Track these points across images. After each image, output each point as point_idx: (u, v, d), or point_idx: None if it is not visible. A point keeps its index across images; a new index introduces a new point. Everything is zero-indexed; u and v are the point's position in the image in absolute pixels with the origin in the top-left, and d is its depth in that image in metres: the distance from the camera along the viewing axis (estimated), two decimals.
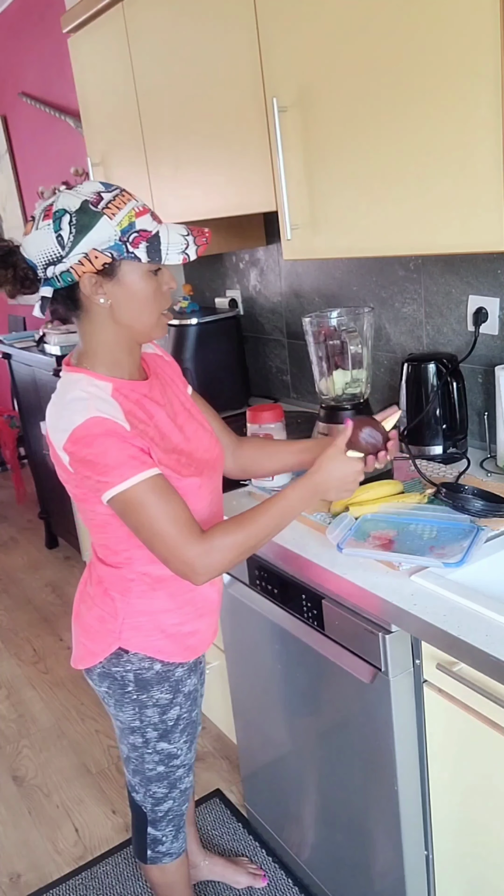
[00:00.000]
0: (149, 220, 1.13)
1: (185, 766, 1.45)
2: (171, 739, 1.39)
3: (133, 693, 1.33)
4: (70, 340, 3.16)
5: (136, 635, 1.29)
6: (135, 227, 1.11)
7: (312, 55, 1.42)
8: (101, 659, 1.32)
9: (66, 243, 1.09)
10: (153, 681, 1.33)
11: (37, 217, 1.12)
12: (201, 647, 1.38)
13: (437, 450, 1.73)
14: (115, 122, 2.21)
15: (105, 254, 1.10)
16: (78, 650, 1.37)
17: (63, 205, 1.10)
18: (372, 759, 1.36)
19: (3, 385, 5.07)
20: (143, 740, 1.38)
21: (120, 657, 1.31)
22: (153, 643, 1.30)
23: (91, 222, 1.09)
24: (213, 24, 1.67)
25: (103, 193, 1.11)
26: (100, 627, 1.31)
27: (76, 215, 1.09)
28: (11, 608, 3.50)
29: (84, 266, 1.11)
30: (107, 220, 1.09)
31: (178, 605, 1.31)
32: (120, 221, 1.10)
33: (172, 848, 1.51)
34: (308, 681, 1.51)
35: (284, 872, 1.87)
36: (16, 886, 1.99)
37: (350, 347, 1.64)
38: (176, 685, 1.35)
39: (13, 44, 4.03)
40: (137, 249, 1.11)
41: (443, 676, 1.16)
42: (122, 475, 1.10)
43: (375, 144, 1.35)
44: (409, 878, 1.38)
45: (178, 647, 1.33)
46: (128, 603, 1.28)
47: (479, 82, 1.14)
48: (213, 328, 2.38)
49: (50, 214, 1.10)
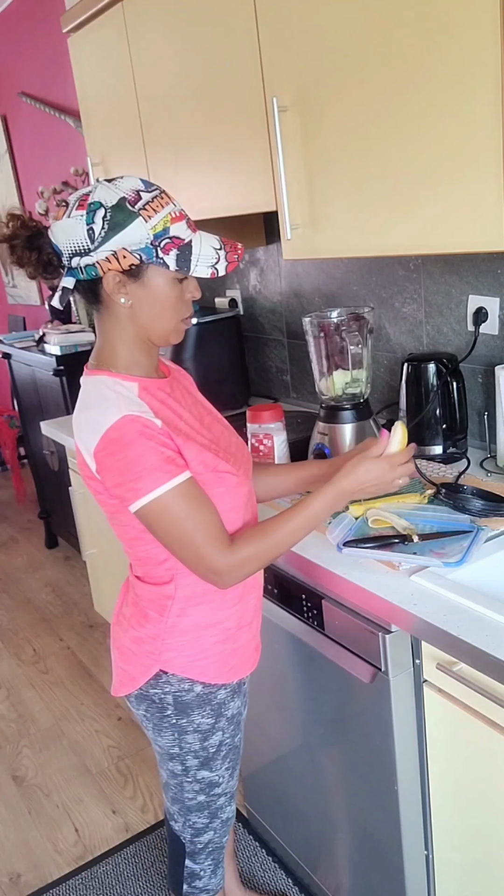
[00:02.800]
0: (183, 228, 1.10)
1: (227, 794, 1.38)
2: (212, 767, 1.32)
3: (172, 717, 1.27)
4: (70, 340, 3.15)
5: (177, 656, 1.24)
6: (168, 232, 1.08)
7: (312, 55, 1.42)
8: (141, 684, 1.26)
9: (96, 237, 1.06)
10: (194, 704, 1.26)
11: (71, 204, 1.09)
12: (244, 666, 1.32)
13: (437, 450, 1.73)
14: (115, 122, 2.21)
15: (134, 255, 1.08)
16: (117, 676, 1.31)
17: (100, 197, 1.07)
18: (372, 759, 1.36)
19: (3, 385, 5.07)
20: (183, 768, 1.31)
21: (159, 678, 1.25)
22: (195, 664, 1.25)
23: (125, 221, 1.06)
24: (213, 23, 1.67)
25: (143, 193, 1.08)
26: (138, 650, 1.26)
27: (111, 211, 1.06)
28: (11, 608, 3.50)
29: (111, 263, 1.08)
30: (141, 222, 1.06)
31: (220, 619, 1.25)
32: (154, 225, 1.07)
33: (210, 884, 1.43)
34: (308, 681, 1.51)
35: (284, 872, 1.87)
36: (16, 886, 1.99)
37: (350, 347, 1.64)
38: (218, 709, 1.29)
39: (13, 44, 4.03)
40: (167, 256, 1.09)
41: (443, 676, 1.16)
42: (156, 481, 1.07)
43: (375, 144, 1.35)
44: (409, 878, 1.38)
45: (221, 668, 1.27)
46: (167, 622, 1.23)
47: (479, 81, 1.13)
48: (213, 328, 2.38)
49: (85, 205, 1.07)
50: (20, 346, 3.60)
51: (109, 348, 1.17)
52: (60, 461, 3.34)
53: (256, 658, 1.36)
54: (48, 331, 3.29)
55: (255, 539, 1.14)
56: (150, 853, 2.01)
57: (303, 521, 1.17)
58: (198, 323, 2.34)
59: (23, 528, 4.44)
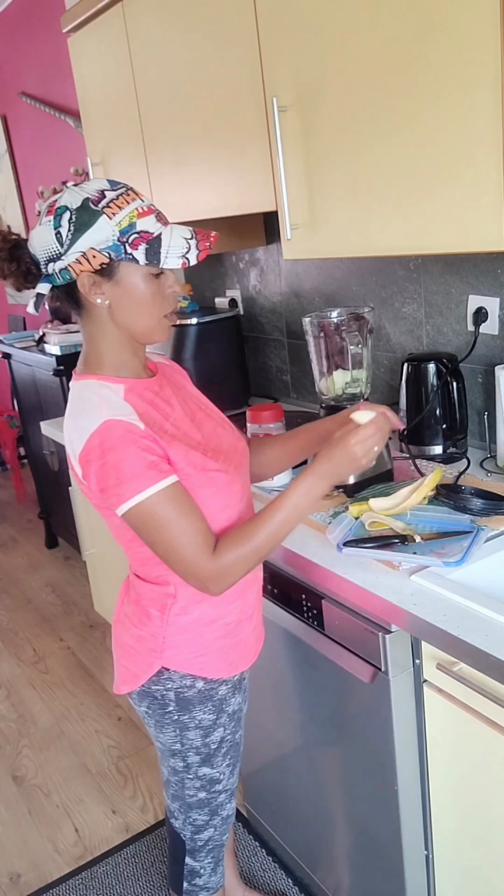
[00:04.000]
0: (152, 222, 1.11)
1: (227, 791, 1.38)
2: (213, 764, 1.33)
3: (174, 713, 1.28)
4: (70, 340, 3.15)
5: (178, 653, 1.25)
6: (135, 227, 1.09)
7: (312, 55, 1.42)
8: (143, 681, 1.27)
9: (64, 241, 1.08)
10: (195, 700, 1.27)
11: (42, 212, 1.12)
12: (244, 660, 1.33)
13: (437, 450, 1.73)
14: (115, 121, 2.21)
15: (103, 253, 1.08)
16: (119, 674, 1.32)
17: (65, 201, 1.09)
18: (372, 759, 1.36)
19: (3, 385, 5.07)
20: (185, 765, 1.32)
21: (160, 675, 1.26)
22: (197, 660, 1.25)
23: (90, 221, 1.07)
24: (213, 23, 1.67)
25: (107, 192, 1.10)
26: (140, 648, 1.26)
27: (76, 213, 1.08)
28: (11, 608, 3.50)
29: (82, 265, 1.09)
30: (105, 220, 1.07)
31: (221, 615, 1.26)
32: (119, 221, 1.08)
33: (210, 882, 1.44)
34: (308, 681, 1.51)
35: (284, 872, 1.87)
36: (16, 886, 1.99)
37: (350, 347, 1.64)
38: (219, 705, 1.30)
39: (13, 44, 4.03)
40: (136, 251, 1.09)
41: (443, 676, 1.16)
42: (138, 486, 1.07)
43: (375, 144, 1.35)
44: (409, 878, 1.38)
45: (222, 663, 1.28)
46: (168, 620, 1.23)
47: (479, 80, 1.13)
48: (213, 328, 2.38)
49: (53, 210, 1.09)
50: (20, 346, 3.60)
51: (95, 351, 1.18)
52: (60, 461, 3.34)
53: (258, 649, 1.37)
54: (48, 331, 3.29)
55: (237, 543, 1.13)
56: (150, 853, 2.01)
57: (284, 517, 1.15)
58: (198, 323, 2.34)
59: (23, 528, 4.44)
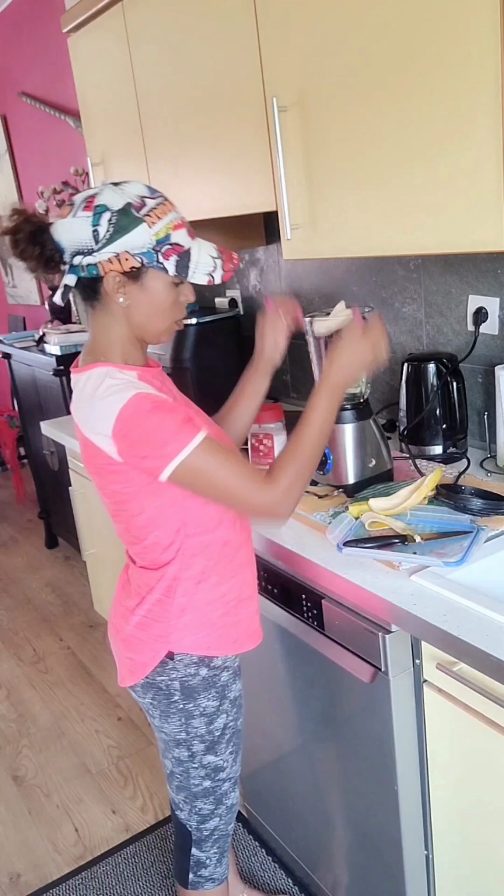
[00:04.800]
0: (184, 235, 1.15)
1: (231, 779, 1.40)
2: (217, 751, 1.35)
3: (180, 702, 1.30)
4: (70, 340, 3.15)
5: (185, 635, 1.27)
6: (170, 239, 1.13)
7: (312, 55, 1.42)
8: (150, 669, 1.29)
9: (100, 239, 1.11)
10: (199, 687, 1.30)
11: (76, 204, 1.13)
12: (248, 640, 1.36)
13: (437, 450, 1.73)
14: (115, 122, 2.21)
15: (136, 258, 1.12)
16: (124, 666, 1.33)
17: (106, 200, 1.11)
18: (372, 759, 1.36)
19: (3, 385, 5.07)
20: (190, 753, 1.34)
21: (165, 665, 1.28)
22: (202, 640, 1.28)
23: (130, 226, 1.10)
24: (214, 23, 1.67)
25: (147, 199, 1.13)
26: (145, 636, 1.28)
27: (117, 215, 1.10)
28: (11, 608, 3.50)
29: (112, 264, 1.12)
30: (145, 228, 1.11)
31: (222, 592, 1.29)
32: (157, 231, 1.12)
33: (216, 873, 1.45)
34: (308, 681, 1.51)
35: (284, 872, 1.87)
36: (16, 886, 1.99)
37: None
38: (222, 691, 1.32)
39: (13, 44, 4.03)
40: (167, 261, 1.13)
41: (443, 676, 1.16)
42: (181, 443, 1.11)
43: (375, 144, 1.35)
44: (409, 878, 1.38)
45: (225, 640, 1.31)
46: (173, 603, 1.26)
47: (478, 82, 1.13)
48: (213, 328, 2.38)
49: (91, 206, 1.11)
50: (20, 346, 3.60)
51: (105, 342, 1.21)
52: (60, 461, 3.34)
53: (260, 634, 1.39)
54: (48, 331, 3.29)
55: (287, 463, 1.18)
56: (150, 853, 2.01)
57: (318, 426, 1.21)
58: (198, 323, 2.34)
59: (23, 528, 4.44)
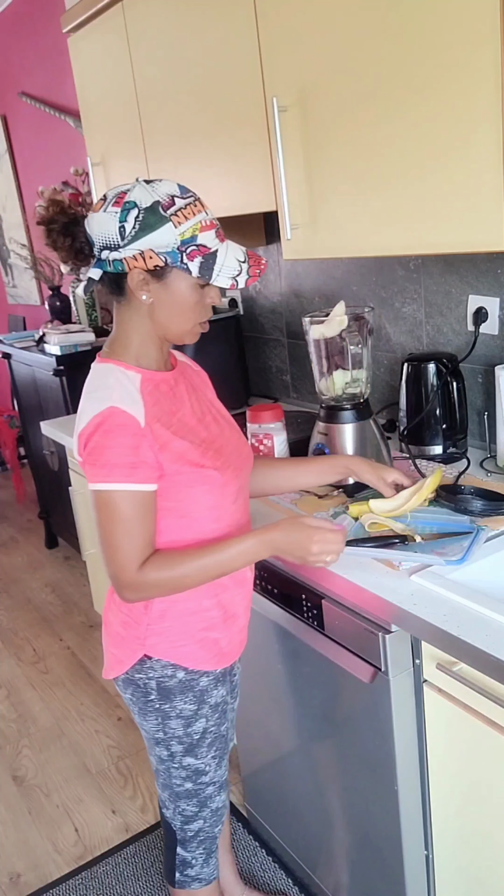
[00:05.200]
0: (211, 237, 1.15)
1: (216, 783, 1.39)
2: (197, 754, 1.34)
3: (156, 702, 1.30)
4: (70, 340, 3.15)
5: (161, 641, 1.26)
6: (196, 240, 1.13)
7: (312, 55, 1.42)
8: (127, 667, 1.29)
9: (126, 235, 1.11)
10: (176, 690, 1.29)
11: (108, 199, 1.14)
12: (230, 655, 1.34)
13: (437, 450, 1.73)
14: (115, 122, 2.21)
15: (160, 257, 1.12)
16: (107, 659, 1.34)
17: (136, 197, 1.11)
18: (372, 759, 1.36)
19: (3, 385, 5.07)
20: (169, 753, 1.34)
21: (143, 663, 1.28)
22: (179, 650, 1.27)
23: (156, 224, 1.11)
24: (214, 23, 1.67)
25: (177, 199, 1.13)
26: (125, 634, 1.28)
27: (144, 212, 1.11)
28: (11, 608, 3.50)
29: (137, 261, 1.13)
30: (171, 227, 1.11)
31: (205, 607, 1.27)
32: (183, 232, 1.12)
33: (202, 873, 1.45)
34: (308, 681, 1.51)
35: (284, 872, 1.87)
36: (16, 886, 1.99)
37: (350, 347, 1.64)
38: (201, 696, 1.31)
39: (13, 44, 4.03)
40: (191, 262, 1.13)
41: (443, 676, 1.16)
42: (111, 476, 1.11)
43: (375, 144, 1.35)
44: (409, 878, 1.38)
45: (206, 654, 1.29)
46: (151, 607, 1.25)
47: (478, 82, 1.14)
48: (213, 328, 2.34)
49: (121, 202, 1.12)
50: (20, 346, 3.60)
51: (124, 338, 1.21)
52: (60, 461, 3.34)
53: (241, 650, 1.39)
54: (48, 331, 3.29)
55: (164, 566, 1.16)
56: (150, 853, 2.01)
57: (219, 561, 1.17)
58: None
59: (23, 528, 4.44)
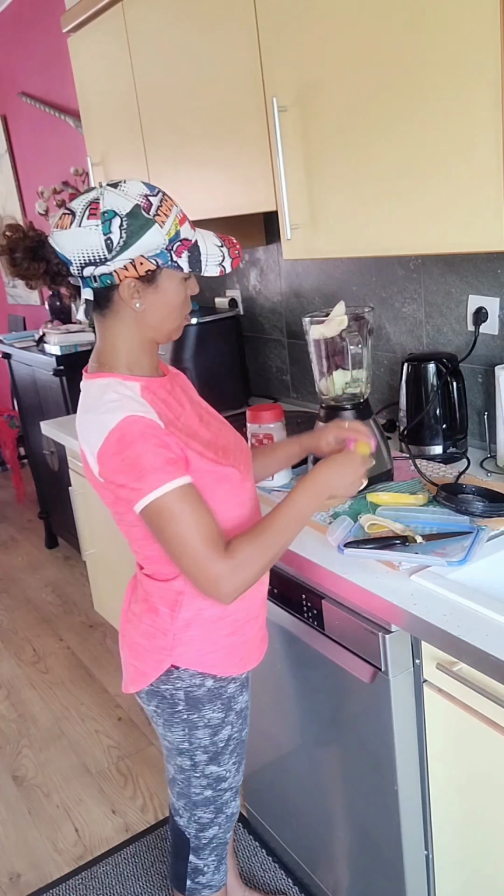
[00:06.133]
0: (188, 228, 1.12)
1: (233, 789, 1.39)
2: (220, 762, 1.33)
3: (184, 712, 1.28)
4: (70, 340, 3.15)
5: (188, 651, 1.24)
6: (179, 235, 1.10)
7: (312, 55, 1.42)
8: (153, 679, 1.26)
9: (114, 247, 1.06)
10: (205, 699, 1.27)
11: (78, 213, 1.07)
12: (252, 658, 1.33)
13: (437, 450, 1.73)
14: (115, 122, 2.21)
15: (150, 261, 1.09)
16: (128, 673, 1.32)
17: (112, 205, 1.06)
18: (372, 759, 1.36)
19: (3, 385, 5.07)
20: (192, 763, 1.32)
21: (170, 674, 1.25)
22: (206, 658, 1.25)
23: (142, 229, 1.06)
24: (213, 23, 1.67)
25: (151, 198, 1.08)
26: (149, 646, 1.26)
27: (128, 219, 1.06)
28: (11, 608, 3.50)
29: (128, 271, 1.08)
30: (157, 228, 1.07)
31: (229, 611, 1.25)
32: (168, 230, 1.08)
33: (213, 880, 1.44)
34: (308, 681, 1.51)
35: (284, 872, 1.87)
36: (16, 886, 1.99)
37: (350, 347, 1.64)
38: (228, 703, 1.30)
39: (13, 44, 4.03)
40: (180, 259, 1.10)
41: (443, 676, 1.16)
42: (157, 481, 1.06)
43: (375, 144, 1.35)
44: (409, 877, 1.38)
45: (231, 660, 1.28)
46: (177, 617, 1.23)
47: (479, 81, 1.13)
48: (213, 328, 2.38)
49: (97, 213, 1.05)
50: (20, 346, 3.60)
51: (112, 350, 1.17)
52: (60, 461, 3.34)
53: (263, 649, 1.37)
54: (48, 331, 3.29)
55: (248, 541, 1.12)
56: (150, 853, 2.01)
57: (292, 518, 1.17)
58: (198, 323, 2.34)
59: (23, 528, 4.44)
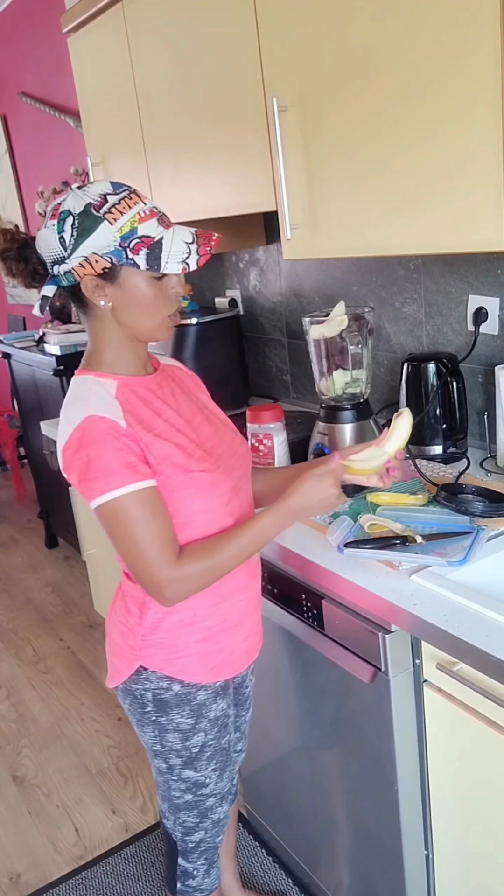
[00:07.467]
0: (153, 226, 1.10)
1: (217, 795, 1.36)
2: (196, 767, 1.32)
3: (152, 714, 1.28)
4: (70, 340, 3.15)
5: (155, 653, 1.24)
6: (136, 233, 1.09)
7: (312, 55, 1.42)
8: (125, 677, 1.28)
9: (67, 245, 1.09)
10: (172, 703, 1.26)
11: (47, 215, 1.13)
12: (230, 668, 1.30)
13: (437, 450, 1.72)
14: (115, 122, 2.21)
15: (105, 258, 1.09)
16: (109, 668, 1.34)
17: (69, 206, 1.09)
18: (372, 759, 1.36)
19: (3, 385, 5.07)
20: (167, 766, 1.32)
21: (140, 674, 1.26)
22: (174, 662, 1.24)
23: (91, 227, 1.08)
24: (214, 23, 1.67)
25: (109, 196, 1.09)
26: (123, 644, 1.28)
27: (78, 218, 1.08)
28: (11, 608, 3.50)
29: (85, 269, 1.10)
30: (106, 226, 1.08)
31: (200, 618, 1.24)
32: (121, 227, 1.08)
33: (204, 883, 1.43)
34: (308, 681, 1.51)
35: (284, 872, 1.87)
36: (16, 886, 1.99)
37: (350, 347, 1.64)
38: (199, 710, 1.28)
39: (13, 44, 4.03)
40: (137, 256, 1.09)
41: (443, 676, 1.16)
42: (112, 484, 1.08)
43: (375, 144, 1.35)
44: (409, 878, 1.38)
45: (200, 668, 1.26)
46: (146, 619, 1.24)
47: (479, 81, 1.13)
48: (213, 328, 2.38)
49: (56, 214, 1.10)
50: (20, 346, 3.60)
51: (95, 348, 1.20)
52: None
53: (246, 662, 1.35)
54: (48, 331, 3.29)
55: (200, 555, 1.14)
56: (150, 853, 2.01)
57: (250, 539, 1.16)
58: (198, 323, 2.34)
59: (23, 528, 4.44)
